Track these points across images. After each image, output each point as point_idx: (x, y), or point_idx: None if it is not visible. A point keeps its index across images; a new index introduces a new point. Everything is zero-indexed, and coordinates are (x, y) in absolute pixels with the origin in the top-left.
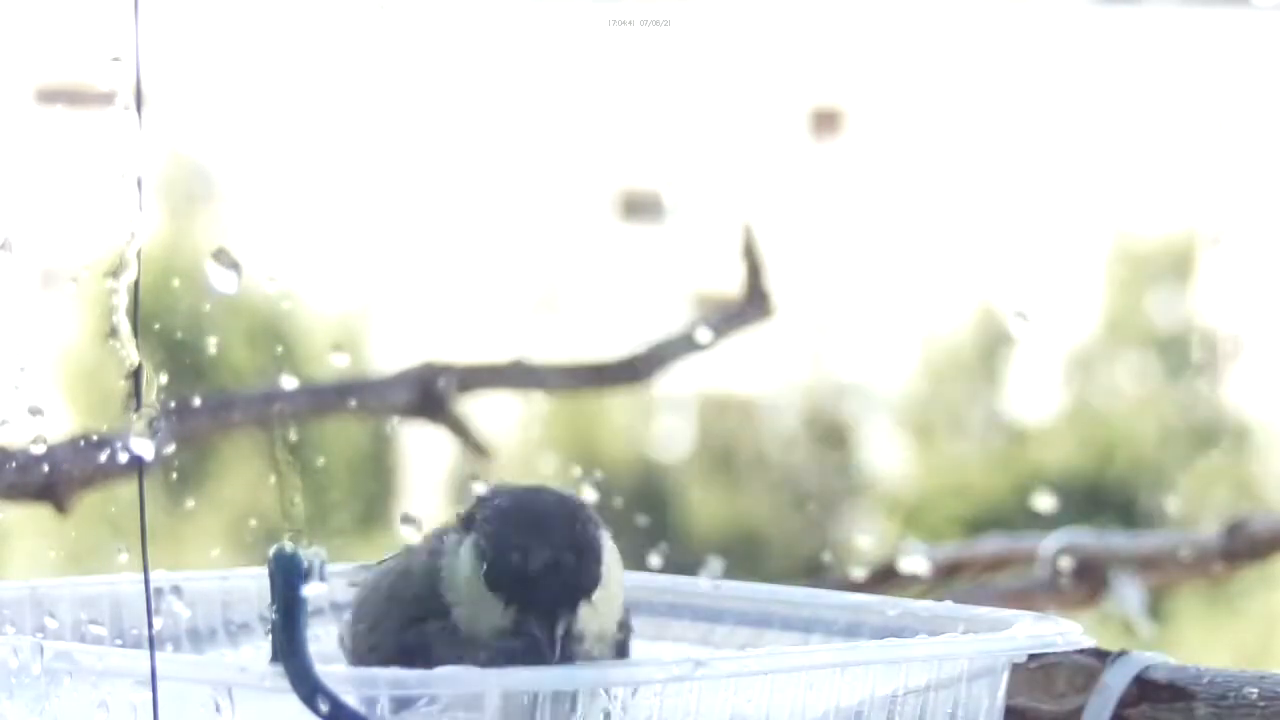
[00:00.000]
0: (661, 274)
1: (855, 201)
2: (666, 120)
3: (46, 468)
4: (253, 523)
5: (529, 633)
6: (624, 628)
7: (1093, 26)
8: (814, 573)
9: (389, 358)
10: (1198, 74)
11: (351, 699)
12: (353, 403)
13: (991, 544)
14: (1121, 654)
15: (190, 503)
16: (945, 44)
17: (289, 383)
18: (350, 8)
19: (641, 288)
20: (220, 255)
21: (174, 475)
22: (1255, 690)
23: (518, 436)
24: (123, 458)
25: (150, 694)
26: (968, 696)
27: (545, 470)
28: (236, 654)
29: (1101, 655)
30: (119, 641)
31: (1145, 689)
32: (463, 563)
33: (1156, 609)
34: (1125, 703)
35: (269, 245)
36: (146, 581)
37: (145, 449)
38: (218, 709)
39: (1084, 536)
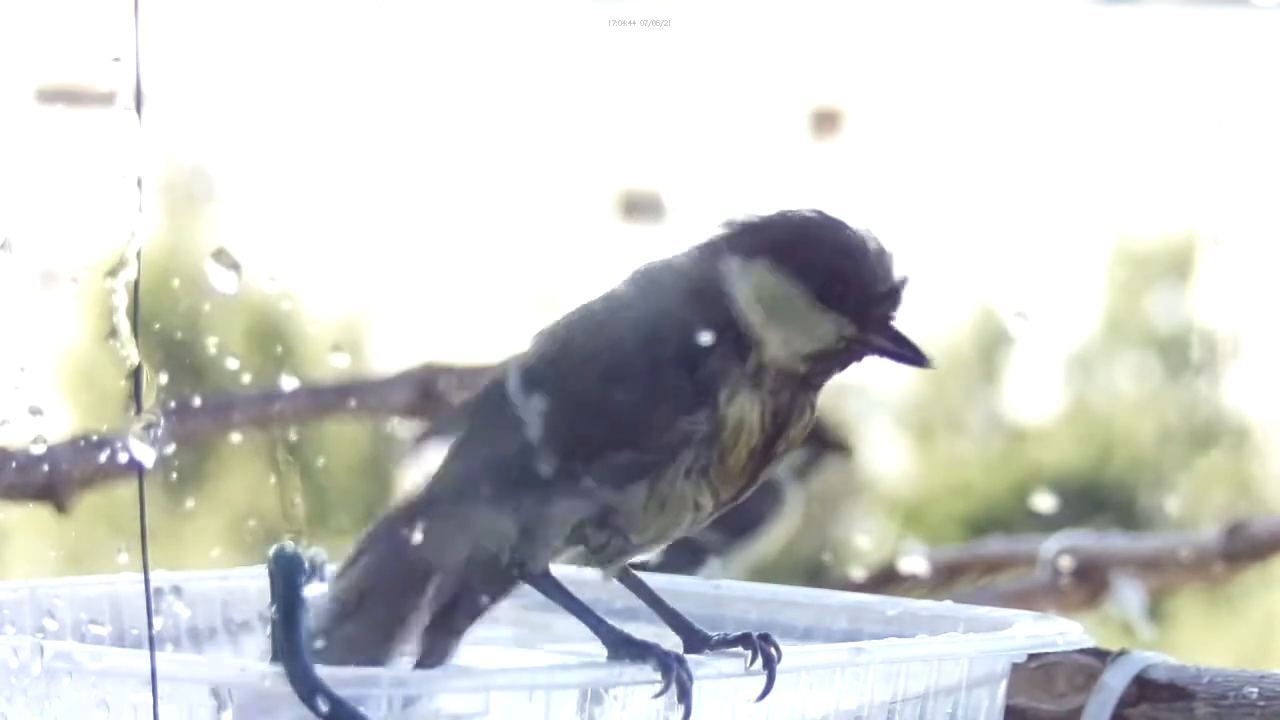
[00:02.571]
0: None
1: (855, 201)
2: (666, 120)
3: (46, 468)
4: (252, 523)
5: (868, 345)
6: None
7: (1093, 26)
8: (814, 573)
9: (389, 358)
10: (1198, 74)
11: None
12: (353, 403)
13: (992, 546)
14: (1121, 654)
15: (190, 503)
16: (945, 44)
17: (289, 383)
18: (350, 8)
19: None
20: (220, 255)
21: (174, 475)
22: (1255, 690)
23: None
24: (123, 458)
25: (150, 694)
26: (968, 695)
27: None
28: (236, 654)
29: (1101, 655)
30: (120, 641)
31: (1145, 689)
32: (769, 284)
33: (1156, 610)
34: (1125, 702)
35: (269, 245)
36: (146, 581)
37: (145, 455)
38: (218, 709)
39: (1084, 538)
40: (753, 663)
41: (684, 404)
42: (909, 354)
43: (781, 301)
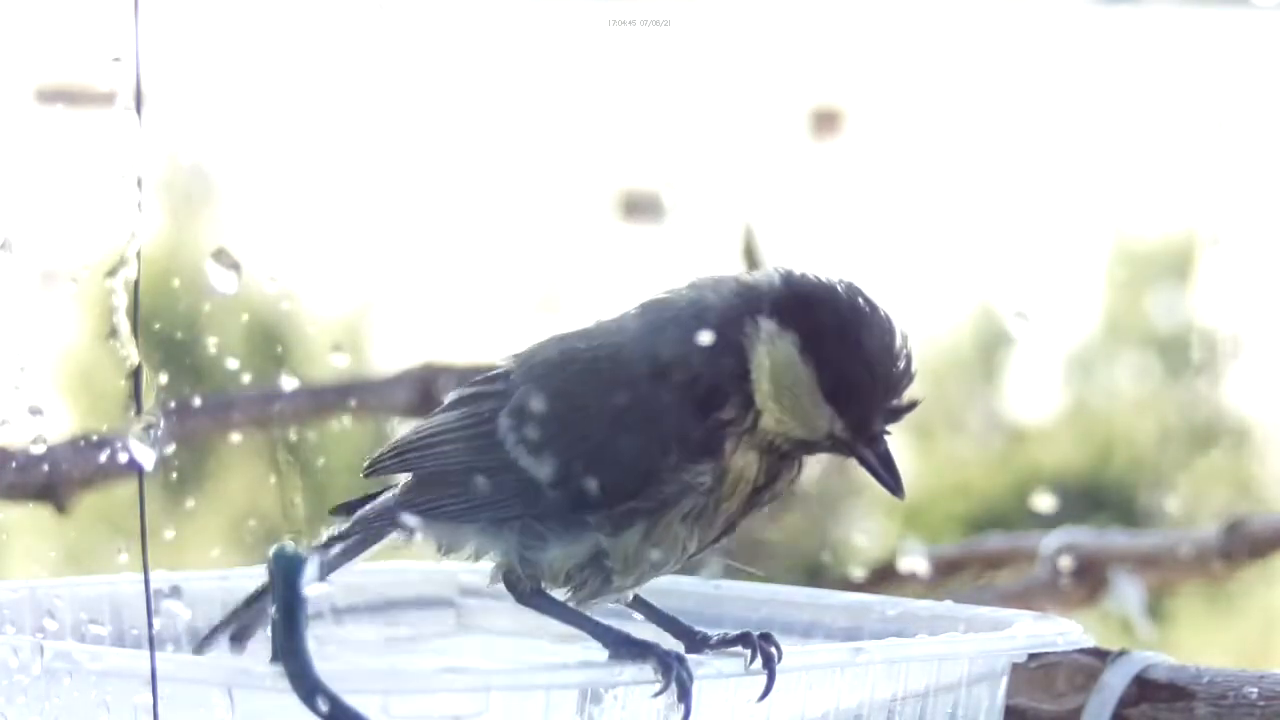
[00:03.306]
0: (661, 274)
1: (855, 201)
2: (666, 120)
3: (46, 468)
4: (252, 523)
5: (854, 452)
6: None
7: (1093, 26)
8: (814, 573)
9: (389, 358)
10: (1198, 74)
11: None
12: (353, 403)
13: (992, 544)
14: (1121, 653)
15: (190, 503)
16: (945, 44)
17: (289, 383)
18: (350, 8)
19: (641, 288)
20: (220, 255)
21: (174, 475)
22: (1255, 690)
23: None
24: (123, 458)
25: (150, 694)
26: (968, 695)
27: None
28: (236, 654)
29: (1101, 655)
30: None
31: (1145, 688)
32: (788, 361)
33: (1156, 608)
34: (1125, 702)
35: (269, 245)
36: (146, 582)
37: (145, 456)
38: (221, 708)
39: (1084, 536)
40: (752, 662)
41: (692, 453)
42: (888, 480)
43: (792, 381)
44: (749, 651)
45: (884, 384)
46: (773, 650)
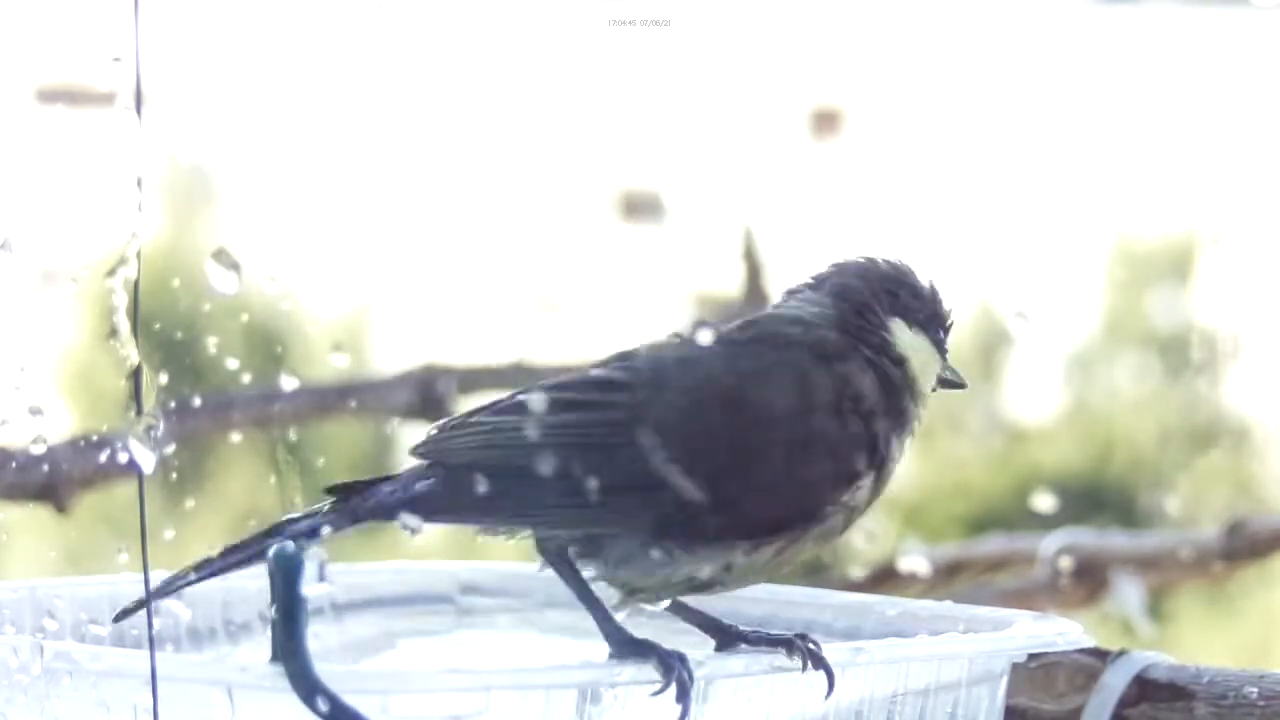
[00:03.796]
0: (661, 274)
1: (855, 201)
2: (666, 120)
3: (46, 468)
4: (252, 523)
5: (947, 380)
6: None
7: (1093, 26)
8: (814, 573)
9: (389, 358)
10: (1198, 74)
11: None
12: (353, 404)
13: (992, 544)
14: (1121, 653)
15: (190, 503)
16: (945, 44)
17: (289, 383)
18: (350, 8)
19: (641, 288)
20: (220, 255)
21: (174, 475)
22: (1255, 690)
23: None
24: (122, 458)
25: (150, 694)
26: (968, 696)
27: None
28: (236, 654)
29: (1101, 655)
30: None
31: (1145, 688)
32: (919, 343)
33: (1156, 609)
34: (1125, 702)
35: (269, 245)
36: (146, 582)
37: (145, 457)
38: (221, 708)
39: (1084, 536)
40: (805, 669)
41: (862, 470)
42: (960, 380)
43: (922, 355)
44: (797, 657)
45: (946, 304)
46: (810, 646)
